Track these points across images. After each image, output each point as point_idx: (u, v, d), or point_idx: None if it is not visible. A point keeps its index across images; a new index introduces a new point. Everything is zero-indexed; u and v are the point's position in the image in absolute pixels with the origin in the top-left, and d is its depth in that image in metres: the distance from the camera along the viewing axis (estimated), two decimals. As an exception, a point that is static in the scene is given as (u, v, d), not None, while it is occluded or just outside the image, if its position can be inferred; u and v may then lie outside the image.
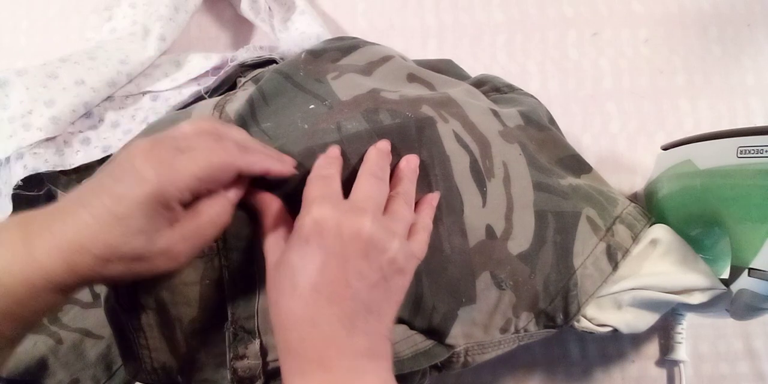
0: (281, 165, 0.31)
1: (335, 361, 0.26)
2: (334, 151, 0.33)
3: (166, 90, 0.47)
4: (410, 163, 0.34)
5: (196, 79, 0.48)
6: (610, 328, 0.39)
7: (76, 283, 0.26)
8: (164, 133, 0.29)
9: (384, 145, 0.34)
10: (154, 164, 0.26)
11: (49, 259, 0.24)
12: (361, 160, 0.33)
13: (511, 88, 0.48)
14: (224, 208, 0.29)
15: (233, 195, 0.30)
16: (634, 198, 0.49)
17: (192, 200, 0.28)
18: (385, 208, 0.31)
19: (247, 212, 0.33)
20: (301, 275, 0.27)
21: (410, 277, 0.30)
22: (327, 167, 0.32)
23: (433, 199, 0.35)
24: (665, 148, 0.44)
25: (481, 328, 0.36)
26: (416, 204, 0.34)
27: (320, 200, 0.28)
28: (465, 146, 0.37)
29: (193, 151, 0.27)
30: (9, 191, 0.40)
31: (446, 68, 0.48)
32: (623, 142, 0.54)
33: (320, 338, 0.27)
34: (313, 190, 0.30)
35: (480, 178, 0.36)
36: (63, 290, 0.26)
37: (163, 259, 0.27)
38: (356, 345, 0.27)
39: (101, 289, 0.34)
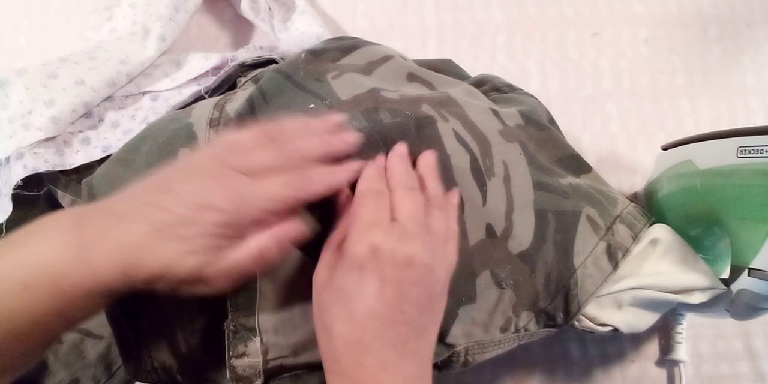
0: (340, 174, 0.31)
1: None
2: (382, 160, 0.33)
3: (166, 90, 0.47)
4: (428, 161, 0.35)
5: (196, 79, 0.48)
6: (610, 328, 0.39)
7: (128, 290, 0.26)
8: (225, 142, 0.30)
9: (402, 150, 0.34)
10: (226, 195, 0.27)
11: (107, 269, 0.25)
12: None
13: (511, 88, 0.48)
14: (269, 244, 0.29)
15: (282, 233, 0.29)
16: (634, 198, 0.49)
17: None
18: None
19: None
20: (357, 302, 0.27)
21: (445, 294, 0.31)
22: (378, 180, 0.32)
23: (454, 197, 0.35)
24: (665, 148, 0.44)
25: (482, 327, 0.36)
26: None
27: (374, 227, 0.29)
28: (465, 145, 0.37)
29: (264, 182, 0.28)
30: (9, 191, 0.40)
31: (446, 68, 0.48)
32: (623, 142, 0.54)
33: (376, 363, 0.27)
34: (366, 211, 0.30)
35: (480, 177, 0.36)
36: (115, 294, 0.27)
37: (202, 285, 0.27)
38: (408, 370, 0.28)
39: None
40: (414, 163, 0.35)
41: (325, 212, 0.33)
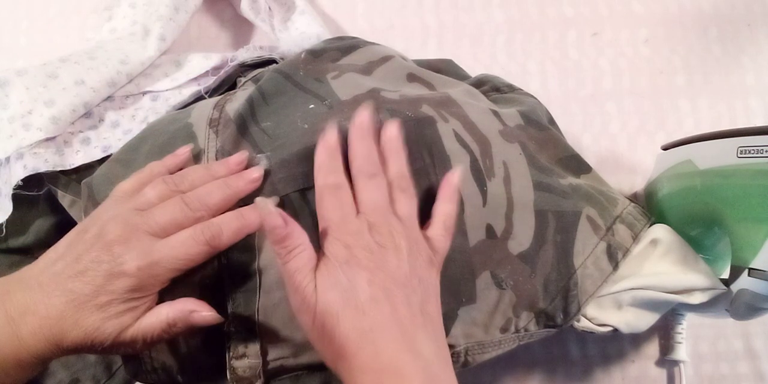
0: (250, 216, 0.32)
1: (410, 366, 0.27)
2: (331, 138, 0.33)
3: (166, 90, 0.47)
4: (391, 135, 0.34)
5: (196, 79, 0.48)
6: (610, 328, 0.39)
7: (59, 356, 0.29)
8: (127, 197, 0.32)
9: (363, 121, 0.33)
10: (135, 261, 0.28)
11: (35, 342, 0.27)
12: None
13: (511, 88, 0.48)
14: (176, 320, 0.30)
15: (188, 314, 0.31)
16: (634, 198, 0.49)
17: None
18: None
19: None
20: (358, 293, 0.28)
21: (438, 270, 0.32)
22: (333, 171, 0.32)
23: (451, 179, 0.34)
24: (665, 148, 0.44)
25: (482, 327, 0.36)
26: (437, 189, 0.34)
27: (341, 226, 0.30)
28: (465, 146, 0.37)
29: (170, 241, 0.29)
30: (9, 191, 0.40)
31: (446, 68, 0.48)
32: (623, 142, 0.54)
33: (393, 347, 0.27)
34: (330, 210, 0.31)
35: (480, 177, 0.36)
36: (47, 362, 0.29)
37: (125, 348, 0.30)
38: (424, 347, 0.28)
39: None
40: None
41: None
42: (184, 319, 0.30)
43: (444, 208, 0.33)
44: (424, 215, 0.34)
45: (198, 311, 0.30)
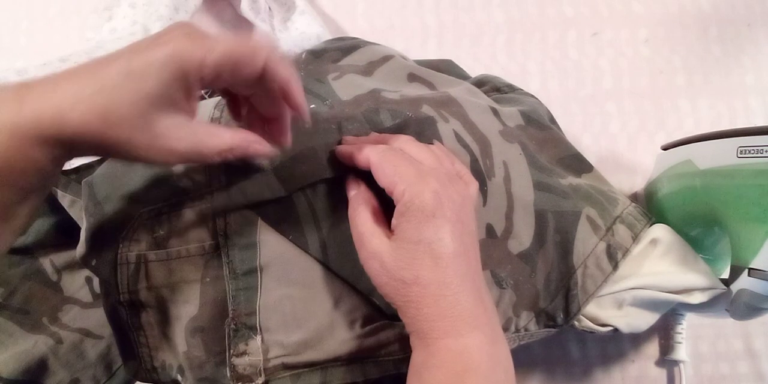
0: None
1: (482, 318, 0.28)
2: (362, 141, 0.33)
3: (167, 90, 0.47)
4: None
5: (196, 78, 0.48)
6: (610, 328, 0.39)
7: (63, 144, 0.24)
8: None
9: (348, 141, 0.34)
10: (184, 30, 0.25)
11: (39, 110, 0.23)
12: None
13: (512, 88, 0.48)
14: (241, 149, 0.28)
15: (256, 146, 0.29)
16: (634, 198, 0.49)
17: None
18: None
19: (252, 209, 0.33)
20: (440, 247, 0.28)
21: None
22: (374, 143, 0.32)
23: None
24: (665, 148, 0.45)
25: (482, 327, 0.36)
26: None
27: (423, 177, 0.29)
28: (465, 146, 0.37)
29: (225, 37, 0.26)
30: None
31: (446, 68, 0.48)
32: (623, 142, 0.54)
33: (469, 300, 0.28)
34: (404, 167, 0.30)
35: (480, 177, 0.36)
36: (51, 147, 0.24)
37: (146, 146, 0.25)
38: (487, 302, 0.30)
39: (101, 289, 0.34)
40: None
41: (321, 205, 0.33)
42: (244, 148, 0.29)
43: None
44: None
45: (259, 143, 0.29)
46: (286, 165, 0.34)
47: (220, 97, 0.41)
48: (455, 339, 0.27)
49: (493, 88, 0.47)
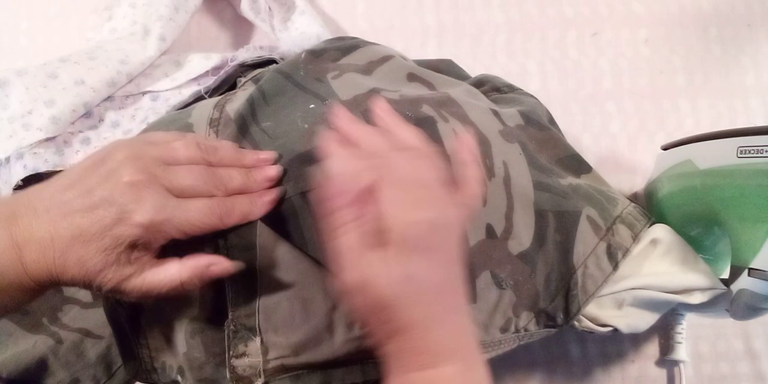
0: (258, 203, 0.32)
1: (456, 347, 0.28)
2: (344, 126, 0.32)
3: (166, 90, 0.47)
4: (381, 107, 0.34)
5: (196, 79, 0.48)
6: (610, 328, 0.39)
7: (58, 286, 0.29)
8: (155, 148, 0.30)
9: (343, 113, 0.33)
10: (148, 210, 0.28)
11: (37, 270, 0.27)
12: None
13: (511, 88, 0.48)
14: (192, 278, 0.30)
15: (205, 268, 0.30)
16: (634, 198, 0.49)
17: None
18: None
19: None
20: (420, 279, 0.28)
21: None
22: (354, 161, 0.31)
23: (468, 140, 0.34)
24: (665, 148, 0.44)
25: (482, 327, 0.36)
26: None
27: (401, 204, 0.28)
28: (465, 146, 0.37)
29: (187, 204, 0.29)
30: (9, 191, 0.41)
31: (446, 68, 0.48)
32: (623, 142, 0.54)
33: (443, 331, 0.28)
34: (383, 196, 0.29)
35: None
36: (45, 289, 0.29)
37: (120, 295, 0.29)
38: (464, 325, 0.29)
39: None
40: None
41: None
42: (201, 275, 0.30)
43: (473, 173, 0.32)
44: None
45: (215, 263, 0.30)
46: (284, 168, 0.34)
47: (219, 97, 0.41)
48: (429, 371, 0.27)
49: (492, 88, 0.47)
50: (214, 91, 0.47)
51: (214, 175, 0.31)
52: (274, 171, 0.33)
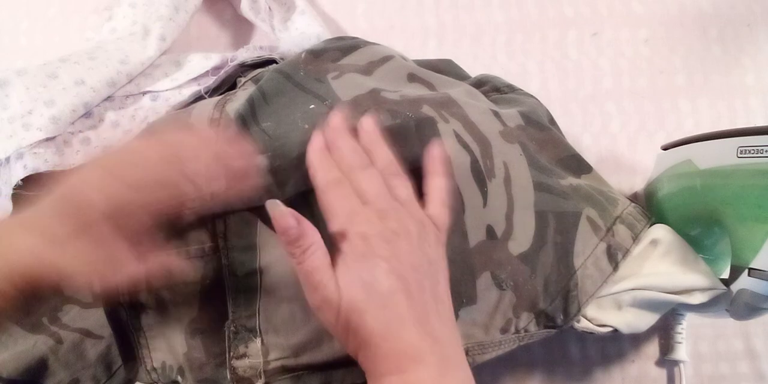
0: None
1: (428, 352, 0.28)
2: (320, 141, 0.33)
3: (166, 90, 0.47)
4: (368, 127, 0.34)
5: (196, 79, 0.48)
6: (610, 329, 0.39)
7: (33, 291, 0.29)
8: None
9: (337, 122, 0.34)
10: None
11: (9, 273, 0.27)
12: None
13: (511, 89, 0.48)
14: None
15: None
16: (634, 198, 0.49)
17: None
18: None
19: (251, 211, 0.33)
20: (379, 285, 0.28)
21: (444, 245, 0.32)
22: (329, 168, 0.32)
23: (434, 153, 0.34)
24: (665, 148, 0.44)
25: (482, 328, 0.36)
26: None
27: (352, 216, 0.30)
28: (465, 146, 0.37)
29: None
30: (9, 191, 0.40)
31: (446, 68, 0.48)
32: (623, 142, 0.54)
33: (413, 335, 0.28)
34: (336, 204, 0.31)
35: (480, 178, 0.36)
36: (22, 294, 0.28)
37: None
38: (437, 331, 0.29)
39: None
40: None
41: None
42: (159, 278, 0.31)
43: (436, 183, 0.33)
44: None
45: (178, 266, 0.31)
46: (284, 168, 0.34)
47: (219, 97, 0.41)
48: (398, 376, 0.27)
49: (492, 88, 0.47)
50: (214, 91, 0.47)
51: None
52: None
